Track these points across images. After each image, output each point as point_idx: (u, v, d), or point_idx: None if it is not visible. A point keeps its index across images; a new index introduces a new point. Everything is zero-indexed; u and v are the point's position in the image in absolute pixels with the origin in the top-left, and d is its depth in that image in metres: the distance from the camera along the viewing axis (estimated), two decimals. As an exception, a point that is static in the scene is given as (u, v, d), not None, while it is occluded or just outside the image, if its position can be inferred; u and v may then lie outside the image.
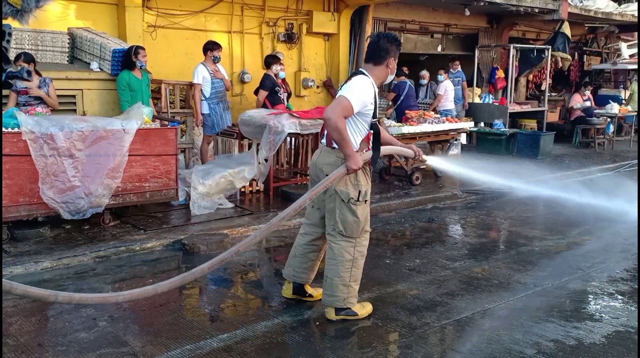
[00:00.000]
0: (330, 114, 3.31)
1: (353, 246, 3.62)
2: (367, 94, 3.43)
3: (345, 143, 3.35)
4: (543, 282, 4.44)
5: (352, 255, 3.62)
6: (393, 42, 3.58)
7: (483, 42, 12.51)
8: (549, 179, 8.82)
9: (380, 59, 3.56)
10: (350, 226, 3.56)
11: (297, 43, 9.88)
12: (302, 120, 6.60)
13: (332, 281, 3.62)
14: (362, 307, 3.77)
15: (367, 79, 3.49)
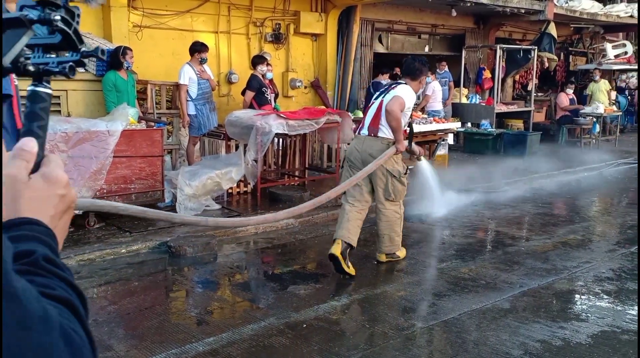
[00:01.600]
0: (394, 107, 4.46)
1: (399, 206, 4.80)
2: (412, 99, 4.66)
3: (400, 130, 4.52)
4: (530, 282, 4.46)
5: (399, 213, 4.80)
6: (425, 64, 4.81)
7: (470, 43, 12.56)
8: (538, 177, 8.88)
9: (416, 76, 4.72)
10: (399, 193, 4.73)
11: (285, 43, 9.85)
12: (289, 121, 6.58)
13: (389, 235, 4.78)
14: (401, 251, 4.93)
15: (410, 88, 4.65)
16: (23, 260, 0.61)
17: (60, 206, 0.69)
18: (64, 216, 0.71)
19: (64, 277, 0.64)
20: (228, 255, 5.17)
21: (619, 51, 14.40)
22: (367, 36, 10.69)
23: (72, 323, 0.58)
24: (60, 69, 0.73)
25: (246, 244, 5.56)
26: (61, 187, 0.69)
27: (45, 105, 0.73)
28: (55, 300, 0.58)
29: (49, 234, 0.67)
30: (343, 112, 7.49)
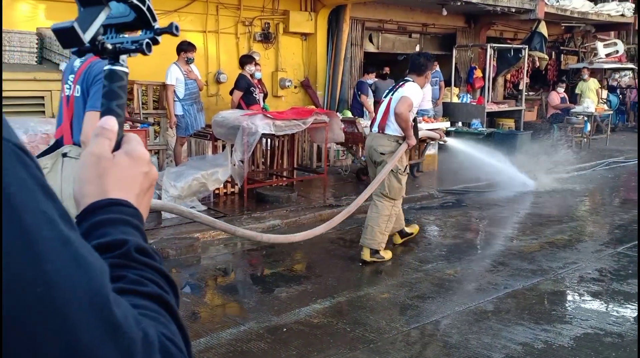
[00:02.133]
0: (402, 110, 4.64)
1: (392, 205, 4.86)
2: (419, 96, 4.84)
3: (409, 129, 4.73)
4: (515, 283, 4.43)
5: (390, 211, 4.84)
6: (430, 59, 4.98)
7: (461, 42, 12.54)
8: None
9: (421, 72, 4.87)
10: (394, 190, 4.83)
11: (274, 43, 9.80)
12: (276, 121, 6.53)
13: (372, 229, 4.81)
14: (387, 253, 4.95)
15: (416, 85, 4.80)
16: (115, 251, 0.60)
17: (145, 183, 0.70)
18: (147, 194, 0.71)
19: (156, 267, 0.63)
20: (212, 257, 5.12)
21: (610, 49, 14.40)
22: (357, 35, 10.65)
23: (167, 324, 0.57)
24: (136, 47, 0.73)
25: (232, 246, 5.51)
26: (145, 164, 0.70)
27: (123, 84, 0.74)
28: (148, 298, 0.58)
29: (136, 215, 0.66)
30: (331, 112, 7.44)
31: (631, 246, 5.45)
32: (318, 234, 4.66)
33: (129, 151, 0.69)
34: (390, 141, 4.81)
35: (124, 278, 0.58)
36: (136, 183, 0.68)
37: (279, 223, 6.10)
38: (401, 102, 4.66)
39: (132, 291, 0.57)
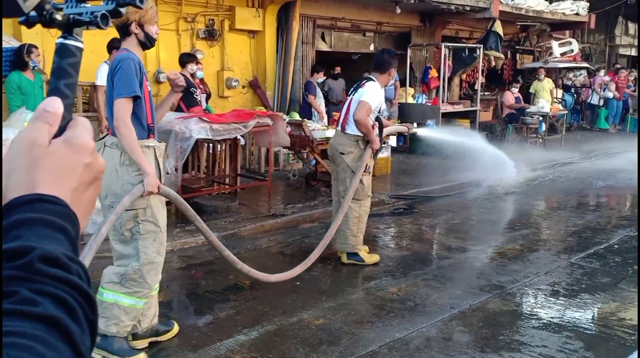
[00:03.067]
0: (360, 116, 4.53)
1: (359, 206, 4.80)
2: (380, 98, 4.70)
3: (370, 134, 4.63)
4: (461, 303, 4.09)
5: (358, 212, 4.79)
6: (393, 56, 4.81)
7: (416, 41, 12.28)
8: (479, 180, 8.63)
9: (384, 69, 4.73)
10: (357, 191, 4.71)
11: (219, 40, 9.30)
12: (213, 125, 6.05)
13: (344, 232, 4.76)
14: (369, 256, 4.89)
15: (377, 84, 4.68)
16: (16, 261, 0.52)
17: (85, 176, 0.61)
18: (89, 189, 0.62)
19: (68, 280, 0.54)
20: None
21: (565, 49, 14.40)
22: (308, 33, 10.24)
23: (46, 354, 0.48)
24: (91, 19, 0.67)
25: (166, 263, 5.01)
26: (87, 154, 0.62)
27: (74, 60, 0.67)
28: (35, 320, 0.49)
29: (65, 215, 0.57)
30: (275, 114, 7.00)
31: (585, 256, 5.21)
32: (295, 275, 4.27)
33: (69, 139, 0.62)
34: (350, 141, 4.72)
35: (15, 294, 0.50)
36: (74, 175, 0.60)
37: (215, 236, 5.62)
38: (359, 108, 4.55)
39: (17, 312, 0.49)
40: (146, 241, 3.20)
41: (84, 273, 0.56)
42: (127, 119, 3.02)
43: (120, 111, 3.01)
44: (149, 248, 3.20)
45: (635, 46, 19.54)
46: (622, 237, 5.85)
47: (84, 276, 0.56)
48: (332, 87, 10.82)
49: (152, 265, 3.22)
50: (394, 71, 4.87)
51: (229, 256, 3.71)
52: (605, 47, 18.10)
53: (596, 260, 5.12)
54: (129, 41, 3.21)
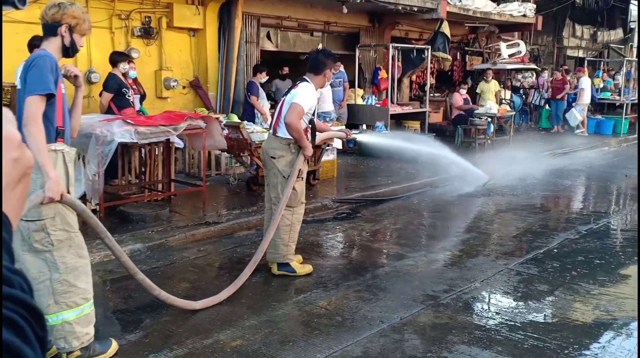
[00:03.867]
0: (291, 119, 4.33)
1: (291, 213, 4.56)
2: (313, 99, 4.50)
3: (302, 139, 4.41)
4: (391, 316, 3.87)
5: (290, 220, 4.56)
6: (329, 57, 4.63)
7: (365, 42, 12.12)
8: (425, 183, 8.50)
9: (319, 70, 4.55)
10: (290, 198, 4.46)
11: (157, 39, 8.88)
12: (139, 128, 5.68)
13: (274, 241, 4.53)
14: (302, 267, 4.65)
15: (312, 87, 4.50)
16: None
17: (13, 173, 0.57)
18: (18, 186, 0.58)
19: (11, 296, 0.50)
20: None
21: (513, 50, 14.50)
22: (252, 32, 9.92)
23: None
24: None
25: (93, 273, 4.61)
26: (13, 148, 0.57)
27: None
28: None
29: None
30: (208, 116, 6.68)
31: (523, 262, 5.08)
32: (222, 299, 3.99)
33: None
34: (282, 144, 4.51)
35: None
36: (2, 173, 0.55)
37: (140, 247, 5.26)
38: (290, 110, 4.36)
39: None
40: (61, 251, 3.01)
41: (25, 284, 0.53)
42: (38, 118, 2.85)
43: (33, 108, 2.85)
44: (66, 256, 3.02)
45: (583, 47, 19.97)
46: (562, 241, 5.77)
47: (27, 287, 0.53)
48: (279, 87, 10.53)
49: (76, 270, 3.05)
50: (330, 72, 4.67)
51: (143, 281, 3.40)
52: (553, 49, 18.40)
53: (534, 265, 5.00)
54: (52, 42, 3.05)
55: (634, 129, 15.49)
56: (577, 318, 3.89)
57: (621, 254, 5.39)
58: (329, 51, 4.88)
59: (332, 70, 10.88)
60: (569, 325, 3.78)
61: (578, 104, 14.40)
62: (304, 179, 4.71)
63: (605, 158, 11.70)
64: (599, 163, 10.79)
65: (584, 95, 14.37)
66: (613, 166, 10.58)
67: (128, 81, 7.49)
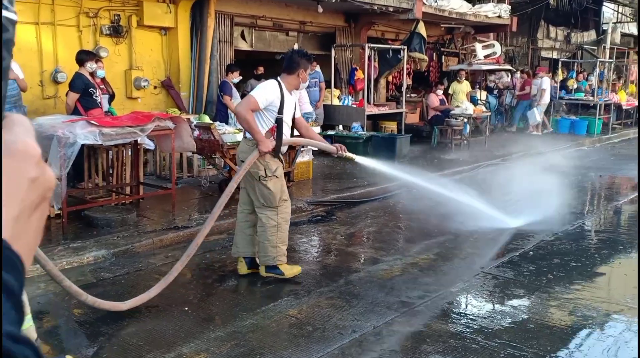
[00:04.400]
0: (239, 109, 4.26)
1: (276, 213, 4.41)
2: (271, 94, 4.26)
3: (254, 131, 4.22)
4: (364, 325, 3.74)
5: (276, 221, 4.41)
6: (303, 56, 4.47)
7: (341, 42, 12.00)
8: (402, 185, 8.40)
9: (292, 70, 4.40)
10: (267, 198, 4.37)
11: (127, 37, 8.63)
12: (103, 129, 5.46)
13: (263, 244, 4.42)
14: (290, 268, 4.52)
15: (275, 82, 4.34)
16: None
17: (31, 196, 0.46)
18: (35, 213, 0.47)
19: None
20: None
21: (489, 51, 14.53)
22: (225, 31, 9.72)
23: None
24: None
25: (35, 285, 4.39)
26: (32, 165, 0.47)
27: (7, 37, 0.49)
28: None
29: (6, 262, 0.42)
30: (177, 117, 6.47)
31: (499, 265, 5.00)
32: (152, 296, 3.84)
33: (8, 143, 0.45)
34: (248, 146, 4.40)
35: None
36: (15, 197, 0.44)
37: (104, 253, 5.05)
38: (242, 101, 4.32)
39: None
40: None
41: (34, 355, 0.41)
42: None
43: None
44: None
45: (557, 48, 20.17)
46: (538, 243, 5.71)
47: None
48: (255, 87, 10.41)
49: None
50: (305, 72, 4.47)
51: (70, 288, 3.22)
52: (528, 50, 18.53)
53: (510, 268, 4.92)
54: None
55: (607, 129, 15.68)
56: (554, 324, 3.80)
57: (597, 256, 5.35)
58: (304, 51, 4.73)
59: (308, 70, 10.85)
60: (545, 331, 3.69)
61: (540, 105, 14.61)
62: (280, 177, 4.48)
63: (580, 158, 11.76)
64: (574, 163, 10.81)
65: (544, 95, 14.58)
66: (587, 166, 10.63)
67: (96, 80, 7.26)
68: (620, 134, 16.00)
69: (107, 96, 7.53)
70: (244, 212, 4.64)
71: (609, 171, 9.91)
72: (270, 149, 4.26)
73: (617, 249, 5.58)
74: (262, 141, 4.23)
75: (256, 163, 4.29)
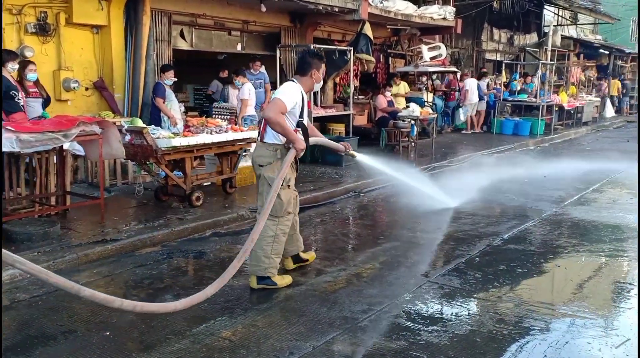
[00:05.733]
0: (270, 114, 4.11)
1: (276, 224, 4.31)
2: (296, 96, 4.22)
3: (288, 132, 4.16)
4: (303, 345, 3.47)
5: (274, 231, 4.31)
6: (315, 57, 4.41)
7: (286, 42, 11.71)
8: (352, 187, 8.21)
9: (305, 71, 4.35)
10: (275, 207, 4.21)
11: (54, 36, 8.07)
12: (21, 135, 4.98)
13: (256, 253, 4.29)
14: (281, 278, 4.44)
15: (296, 85, 4.30)
16: None
17: None
18: None
19: None
20: None
21: (435, 53, 14.55)
22: (163, 30, 9.26)
23: None
24: None
25: None
26: None
27: None
28: None
29: None
30: (105, 121, 6.03)
31: (445, 273, 4.83)
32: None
33: None
34: (269, 151, 4.33)
35: None
36: None
37: (21, 272, 4.57)
38: (270, 105, 4.20)
39: None
40: None
41: None
42: None
43: None
44: None
45: (500, 50, 20.54)
46: (484, 248, 5.59)
47: None
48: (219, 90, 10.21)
49: None
50: (318, 72, 4.39)
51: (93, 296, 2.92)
52: (473, 52, 18.77)
53: (457, 276, 4.76)
54: None
55: (549, 130, 16.03)
56: (501, 337, 3.64)
57: (542, 260, 5.27)
58: (315, 50, 4.74)
59: (252, 70, 10.53)
60: (491, 345, 3.52)
61: (465, 105, 15.15)
62: (291, 188, 4.40)
63: (525, 158, 11.91)
64: (520, 164, 10.91)
65: (468, 96, 14.92)
66: (532, 166, 10.74)
67: (28, 83, 6.81)
68: (562, 134, 16.40)
69: (39, 99, 7.05)
70: None
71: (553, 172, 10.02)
72: (304, 146, 4.26)
73: (562, 253, 5.53)
74: (297, 140, 4.21)
75: (274, 170, 4.24)
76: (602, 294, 4.51)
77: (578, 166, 10.53)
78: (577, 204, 7.61)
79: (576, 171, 9.99)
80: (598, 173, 9.87)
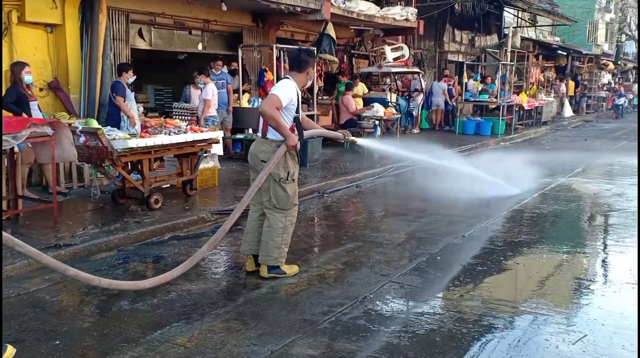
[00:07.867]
0: (265, 108, 4.26)
1: (284, 216, 4.55)
2: (292, 92, 4.38)
3: (282, 128, 4.32)
4: (261, 350, 3.39)
5: (283, 223, 4.55)
6: (311, 55, 4.65)
7: (248, 42, 11.60)
8: (316, 188, 8.16)
9: (302, 68, 4.54)
10: (281, 201, 4.51)
11: (6, 35, 7.77)
12: (-35, 138, 4.76)
13: (267, 244, 4.55)
14: (290, 268, 4.71)
15: (292, 81, 4.47)
16: None
17: None
18: None
19: None
20: None
21: (398, 54, 14.66)
22: (120, 29, 9.05)
23: None
24: None
25: None
26: None
27: None
28: None
29: None
30: (57, 122, 5.84)
31: (406, 273, 4.83)
32: None
33: None
34: (271, 147, 4.47)
35: None
36: None
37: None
38: (265, 100, 4.37)
39: None
40: None
41: None
42: None
43: None
44: None
45: (462, 52, 20.82)
46: (446, 246, 5.62)
47: None
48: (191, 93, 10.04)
49: None
50: (312, 70, 4.67)
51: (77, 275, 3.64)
52: (436, 53, 18.97)
53: (417, 275, 4.76)
54: None
55: (510, 130, 16.33)
56: (461, 337, 3.64)
57: (502, 258, 5.32)
58: (310, 50, 5.01)
59: (213, 70, 10.36)
60: (451, 344, 3.52)
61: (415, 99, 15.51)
62: (295, 181, 4.60)
63: (486, 158, 12.06)
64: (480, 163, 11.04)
65: (419, 96, 15.41)
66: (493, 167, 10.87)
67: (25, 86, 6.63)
68: (522, 134, 16.73)
69: (36, 102, 6.97)
70: (256, 213, 4.71)
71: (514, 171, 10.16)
72: (296, 143, 4.39)
73: (521, 251, 5.59)
74: (290, 136, 4.35)
75: (279, 165, 4.40)
76: (561, 291, 4.58)
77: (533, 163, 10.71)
78: (535, 203, 7.73)
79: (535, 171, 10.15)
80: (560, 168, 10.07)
